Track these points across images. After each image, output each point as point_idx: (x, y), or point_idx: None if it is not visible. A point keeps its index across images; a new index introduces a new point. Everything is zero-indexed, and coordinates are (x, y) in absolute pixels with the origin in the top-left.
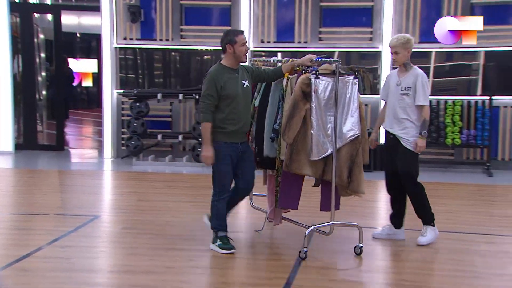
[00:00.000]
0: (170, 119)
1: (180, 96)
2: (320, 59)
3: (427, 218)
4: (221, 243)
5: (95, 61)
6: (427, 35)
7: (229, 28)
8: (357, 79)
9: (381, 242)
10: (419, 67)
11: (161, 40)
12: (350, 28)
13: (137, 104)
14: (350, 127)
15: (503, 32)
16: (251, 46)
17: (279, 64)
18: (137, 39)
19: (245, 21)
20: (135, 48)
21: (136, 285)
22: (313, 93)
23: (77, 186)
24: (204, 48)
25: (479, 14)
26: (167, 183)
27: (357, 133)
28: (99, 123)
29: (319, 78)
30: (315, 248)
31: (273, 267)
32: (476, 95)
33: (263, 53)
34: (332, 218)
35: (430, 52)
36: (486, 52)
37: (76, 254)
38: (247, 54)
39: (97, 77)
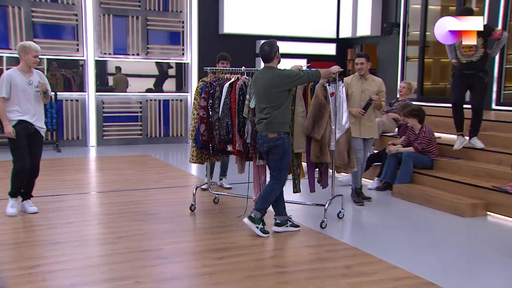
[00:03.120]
0: None
1: None
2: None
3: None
4: (262, 227)
5: None
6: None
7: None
8: (343, 83)
9: None
10: None
11: None
12: None
13: None
14: (346, 120)
15: (57, 45)
16: None
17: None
18: None
19: None
20: None
21: None
22: (329, 97)
23: None
24: None
25: (39, 30)
26: None
27: (349, 124)
28: None
29: (330, 85)
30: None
31: None
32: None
33: None
34: (332, 193)
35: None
36: (48, 59)
37: None
38: None
39: None
